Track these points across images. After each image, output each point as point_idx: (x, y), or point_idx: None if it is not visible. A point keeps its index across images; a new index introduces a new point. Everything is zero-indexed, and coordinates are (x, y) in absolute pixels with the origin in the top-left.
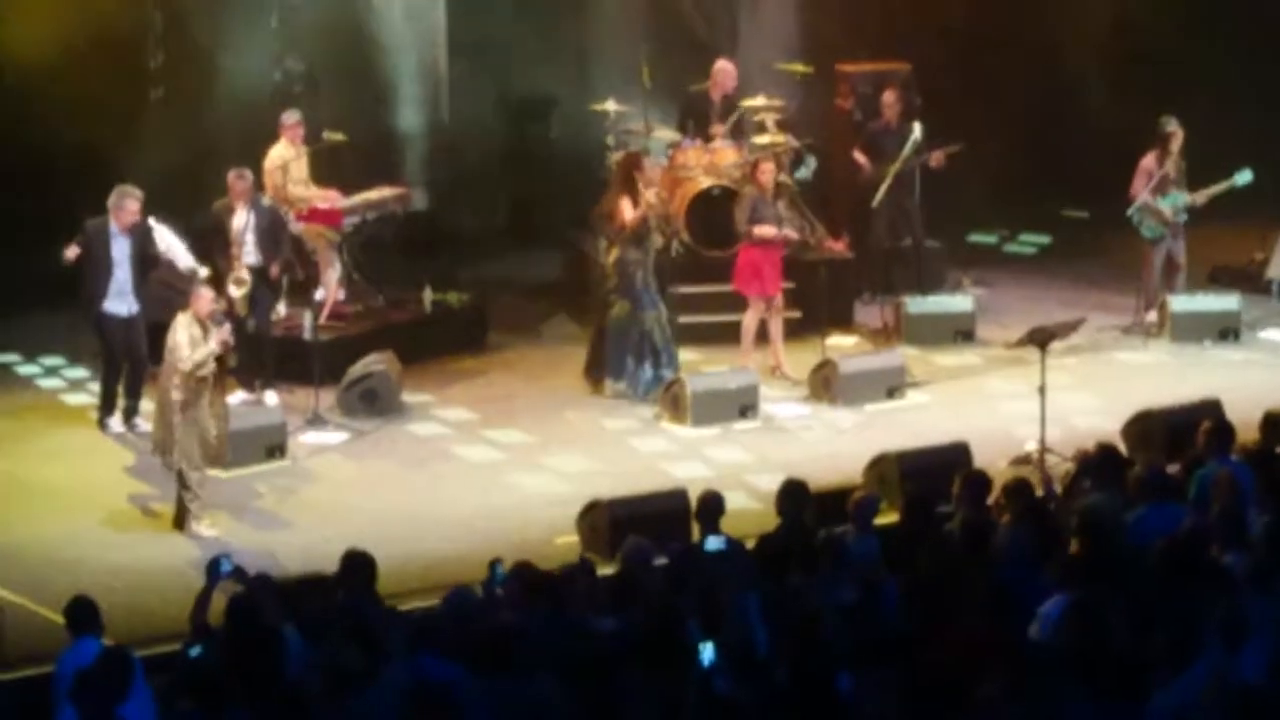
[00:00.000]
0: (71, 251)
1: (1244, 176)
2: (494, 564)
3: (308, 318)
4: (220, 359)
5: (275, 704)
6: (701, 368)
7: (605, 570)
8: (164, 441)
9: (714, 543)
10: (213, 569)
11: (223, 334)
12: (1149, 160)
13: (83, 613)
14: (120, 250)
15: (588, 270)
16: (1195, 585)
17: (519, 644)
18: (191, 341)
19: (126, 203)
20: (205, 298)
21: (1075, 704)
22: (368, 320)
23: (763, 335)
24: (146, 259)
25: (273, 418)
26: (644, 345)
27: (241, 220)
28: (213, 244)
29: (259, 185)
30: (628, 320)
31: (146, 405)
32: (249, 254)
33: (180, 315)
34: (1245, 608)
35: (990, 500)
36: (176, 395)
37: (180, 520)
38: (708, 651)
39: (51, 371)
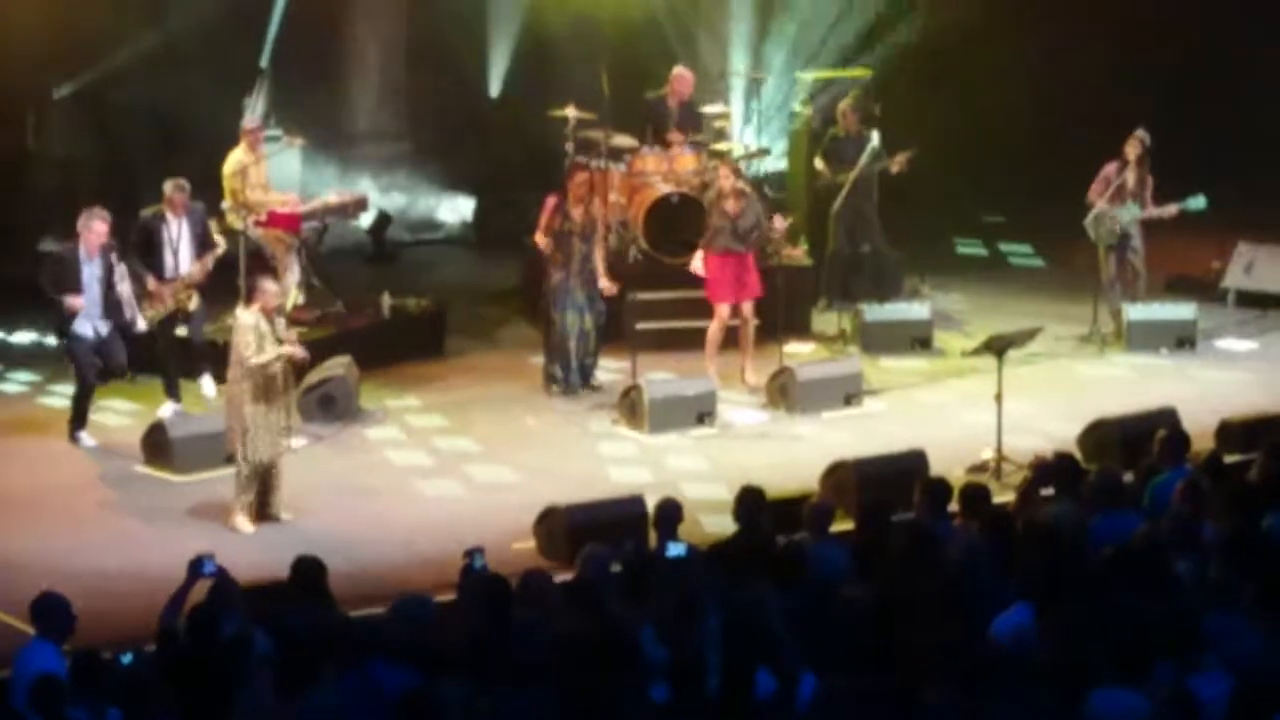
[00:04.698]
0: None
1: (1197, 202)
2: (473, 553)
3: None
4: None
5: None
6: (659, 373)
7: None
8: (232, 439)
9: (674, 549)
10: (194, 568)
11: (290, 339)
12: (1110, 168)
13: (44, 612)
14: (90, 274)
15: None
16: (1148, 593)
17: (475, 650)
18: (258, 337)
19: (94, 224)
20: (270, 293)
21: (1026, 711)
22: (326, 325)
23: (729, 341)
24: (112, 281)
25: None
26: (560, 346)
27: (175, 230)
28: (139, 253)
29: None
30: (547, 322)
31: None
32: (184, 263)
33: (244, 313)
34: (1197, 620)
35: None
36: (248, 393)
37: (267, 513)
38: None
39: (15, 378)
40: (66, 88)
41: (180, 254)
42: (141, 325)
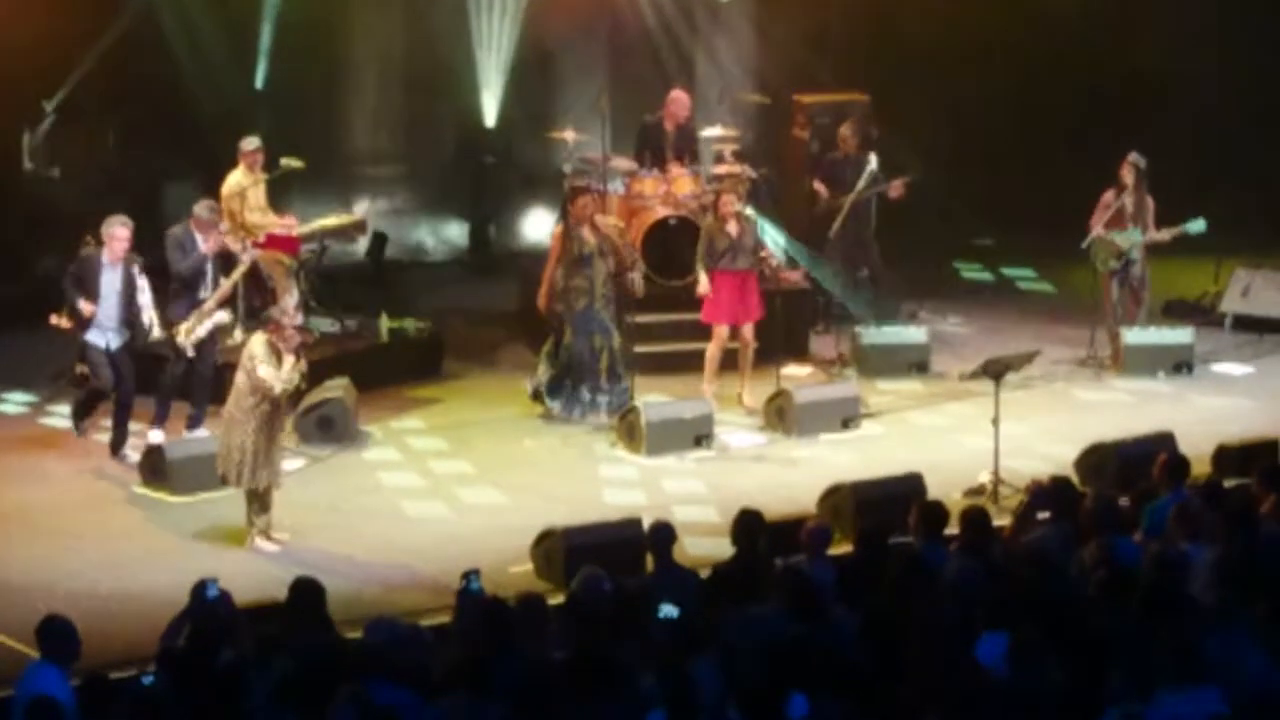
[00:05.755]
0: (64, 321)
1: (1196, 225)
2: (469, 575)
3: None
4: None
5: None
6: (657, 396)
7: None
8: (229, 463)
9: (666, 610)
10: (198, 592)
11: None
12: (1107, 195)
13: (51, 636)
14: (109, 283)
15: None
16: (1145, 619)
17: (470, 671)
18: (274, 364)
19: (115, 230)
20: (287, 327)
21: None
22: (324, 347)
23: (728, 364)
24: (133, 292)
25: None
26: (582, 369)
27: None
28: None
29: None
30: (569, 344)
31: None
32: (210, 284)
33: (255, 344)
34: (1198, 643)
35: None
36: (254, 421)
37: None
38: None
39: (12, 398)
40: (58, 97)
41: (208, 273)
42: (158, 333)
